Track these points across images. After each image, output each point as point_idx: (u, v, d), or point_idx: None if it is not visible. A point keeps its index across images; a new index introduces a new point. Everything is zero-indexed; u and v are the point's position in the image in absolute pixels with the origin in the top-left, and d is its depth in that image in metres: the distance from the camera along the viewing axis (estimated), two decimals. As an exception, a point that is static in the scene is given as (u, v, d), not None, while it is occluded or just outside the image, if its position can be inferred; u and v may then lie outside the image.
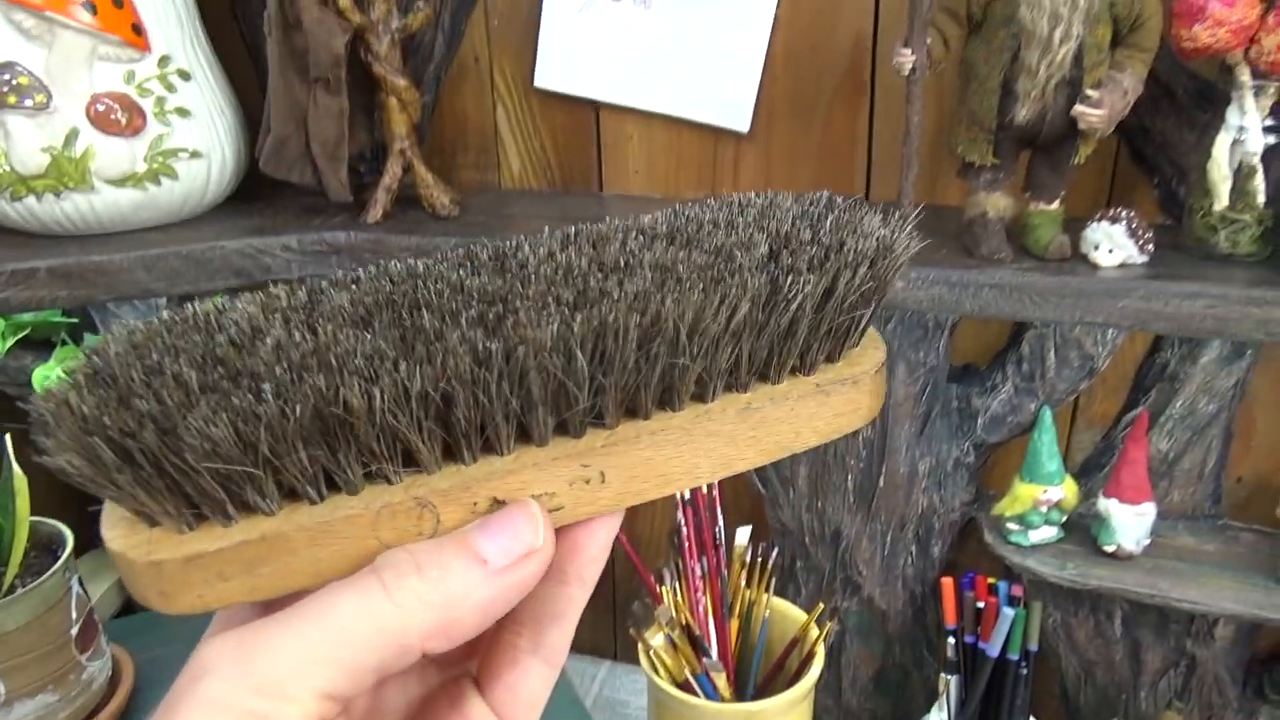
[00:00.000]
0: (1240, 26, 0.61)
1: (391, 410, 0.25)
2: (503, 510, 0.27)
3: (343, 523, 0.25)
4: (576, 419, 0.28)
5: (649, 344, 0.27)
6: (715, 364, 0.28)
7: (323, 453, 0.25)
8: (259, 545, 0.25)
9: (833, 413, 0.31)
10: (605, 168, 0.88)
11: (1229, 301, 0.61)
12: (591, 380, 0.26)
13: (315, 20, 0.74)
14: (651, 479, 0.29)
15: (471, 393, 0.25)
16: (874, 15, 0.77)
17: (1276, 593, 0.74)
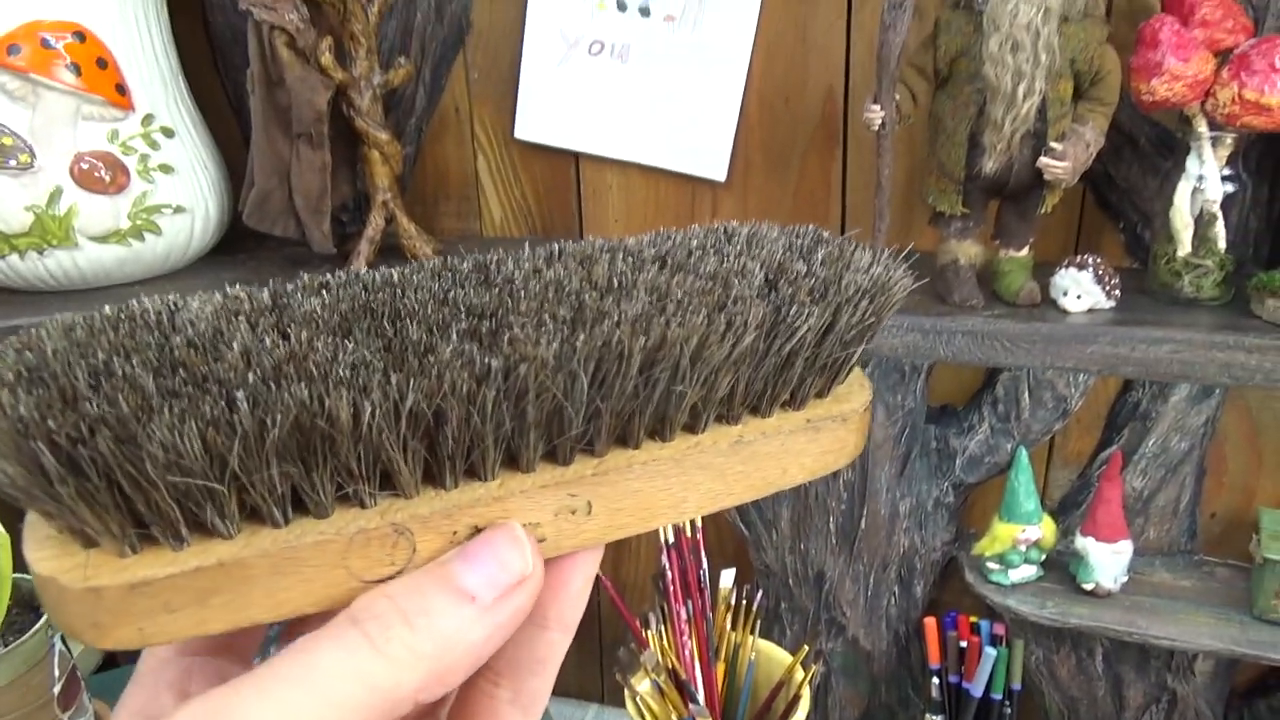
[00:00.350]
0: (1196, 81, 0.63)
1: (380, 426, 0.23)
2: (482, 536, 0.25)
3: (311, 549, 0.23)
4: (567, 445, 0.26)
5: (651, 368, 0.25)
6: (713, 393, 0.27)
7: (297, 470, 0.23)
8: (215, 573, 0.22)
9: (821, 449, 0.30)
10: (585, 216, 0.90)
11: (1193, 346, 0.63)
12: (589, 404, 0.25)
13: (298, 77, 0.76)
14: (638, 512, 0.27)
15: (466, 411, 0.24)
16: (844, 69, 0.79)
17: (1252, 628, 0.75)
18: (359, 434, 0.23)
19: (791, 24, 0.79)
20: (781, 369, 0.28)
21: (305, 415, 0.22)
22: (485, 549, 0.24)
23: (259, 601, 0.23)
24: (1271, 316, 0.65)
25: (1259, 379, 0.62)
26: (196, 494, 0.22)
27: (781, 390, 0.29)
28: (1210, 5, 0.64)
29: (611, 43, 0.83)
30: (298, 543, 0.23)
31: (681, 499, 0.28)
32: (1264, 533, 0.76)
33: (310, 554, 0.23)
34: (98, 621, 0.22)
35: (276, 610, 0.23)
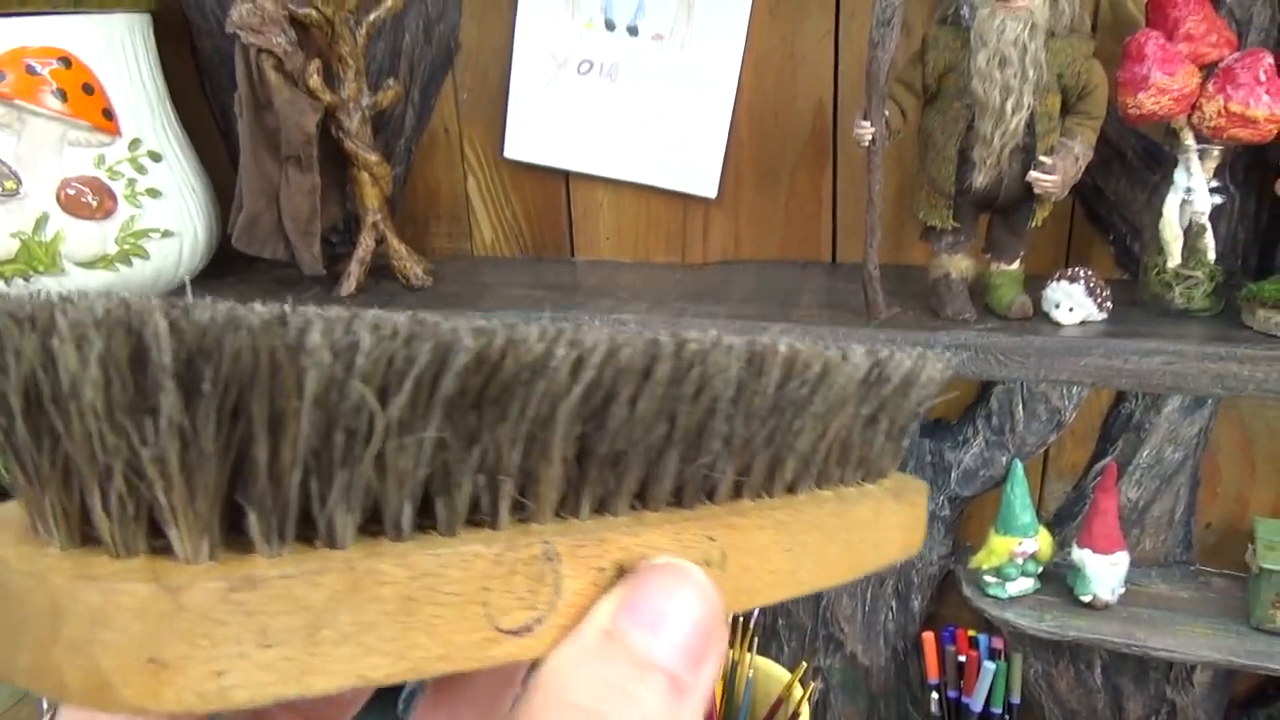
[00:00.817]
0: (1182, 94, 0.64)
1: (566, 418, 0.19)
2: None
3: (458, 567, 0.18)
4: (698, 482, 0.23)
5: (781, 410, 0.23)
6: (821, 447, 0.26)
7: (453, 462, 0.18)
8: (336, 583, 0.16)
9: (904, 523, 0.28)
10: (577, 235, 0.90)
11: (1185, 358, 0.63)
12: (740, 437, 0.23)
13: (286, 100, 0.75)
14: (763, 574, 0.24)
15: (643, 422, 0.21)
16: (834, 83, 0.80)
17: (1249, 638, 0.75)
18: (542, 424, 0.19)
19: (780, 40, 0.79)
20: (866, 429, 0.27)
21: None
22: (665, 602, 0.19)
23: (380, 645, 0.17)
24: (1262, 327, 0.65)
25: (1251, 389, 0.62)
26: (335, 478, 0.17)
27: (865, 454, 0.28)
28: (1194, 19, 0.65)
29: (600, 62, 0.83)
30: (436, 555, 0.18)
31: (797, 565, 0.25)
32: (1259, 542, 0.76)
33: (456, 576, 0.18)
34: (158, 656, 0.15)
35: (398, 661, 0.17)
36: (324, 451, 0.17)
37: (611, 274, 0.85)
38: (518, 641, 0.19)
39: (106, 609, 0.15)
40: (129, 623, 0.15)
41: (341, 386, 0.17)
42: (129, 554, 0.16)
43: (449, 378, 0.18)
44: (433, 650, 0.18)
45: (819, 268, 0.84)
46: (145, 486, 0.16)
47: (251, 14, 0.73)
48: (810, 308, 0.73)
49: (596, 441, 0.21)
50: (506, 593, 0.19)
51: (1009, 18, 0.61)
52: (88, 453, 0.16)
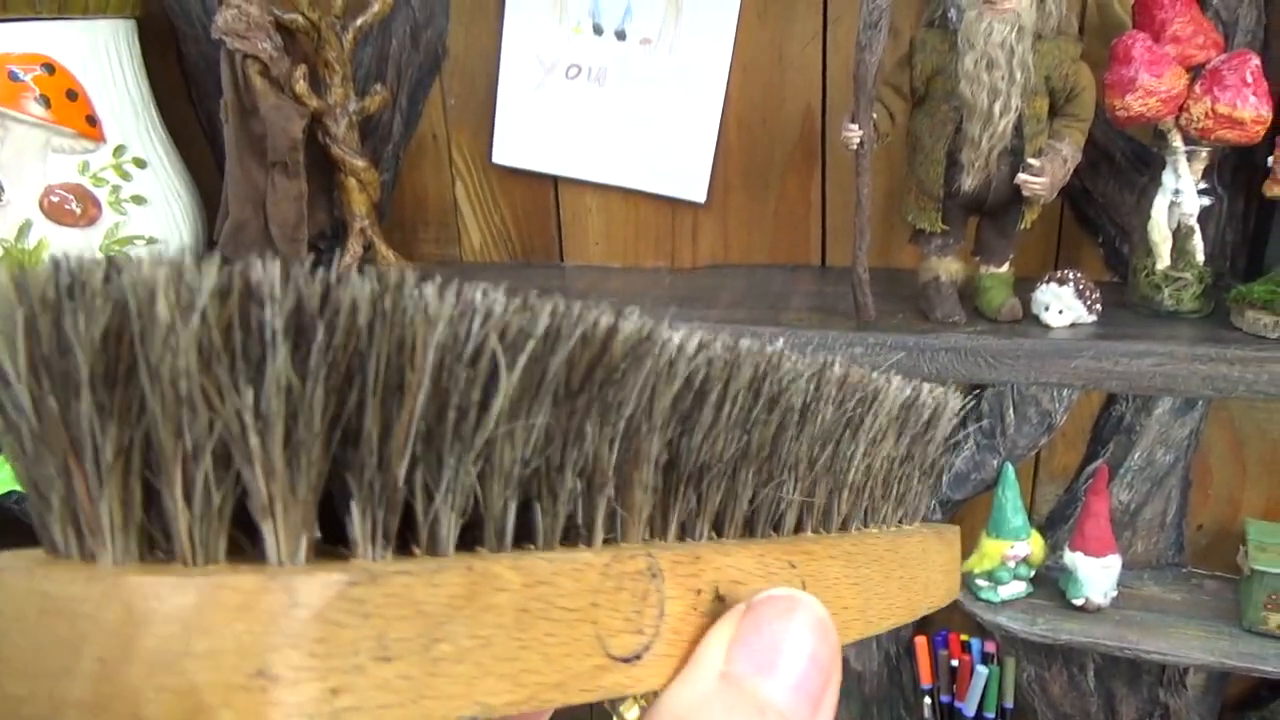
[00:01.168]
0: (1169, 96, 0.64)
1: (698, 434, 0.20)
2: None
3: (570, 576, 0.17)
4: (769, 507, 0.23)
5: (856, 445, 0.25)
6: (880, 477, 0.27)
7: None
8: (456, 589, 0.15)
9: (946, 564, 0.29)
10: (566, 240, 0.89)
11: (1175, 359, 0.63)
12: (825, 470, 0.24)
13: (272, 106, 0.75)
14: (837, 609, 0.23)
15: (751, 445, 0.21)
16: (822, 87, 0.79)
17: (1242, 640, 0.75)
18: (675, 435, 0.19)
19: (768, 44, 0.79)
20: (904, 464, 0.28)
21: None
22: (784, 640, 0.18)
23: (496, 666, 0.15)
24: (1251, 328, 0.65)
25: (1241, 390, 0.62)
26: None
27: (904, 490, 0.28)
28: (1181, 21, 0.65)
29: (588, 66, 0.83)
30: (549, 561, 0.16)
31: (866, 602, 0.25)
32: (1251, 544, 0.75)
33: (568, 586, 0.17)
34: (267, 668, 0.12)
35: (516, 688, 0.16)
36: (436, 434, 0.15)
37: (601, 279, 0.85)
38: (627, 671, 0.17)
39: (204, 610, 0.12)
40: (232, 625, 0.12)
41: (464, 352, 0.15)
42: (207, 560, 0.14)
43: (560, 355, 0.17)
44: (548, 676, 0.16)
45: (808, 271, 0.84)
46: (242, 467, 0.14)
47: (237, 19, 0.73)
48: (800, 311, 0.73)
49: (684, 449, 0.20)
50: (614, 611, 0.17)
51: (996, 20, 0.61)
52: (173, 428, 0.13)
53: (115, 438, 0.14)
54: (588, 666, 0.17)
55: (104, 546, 0.14)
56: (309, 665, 0.13)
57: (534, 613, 0.16)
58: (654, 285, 0.82)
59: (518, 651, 0.16)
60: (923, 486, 0.29)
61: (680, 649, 0.19)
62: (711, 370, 0.20)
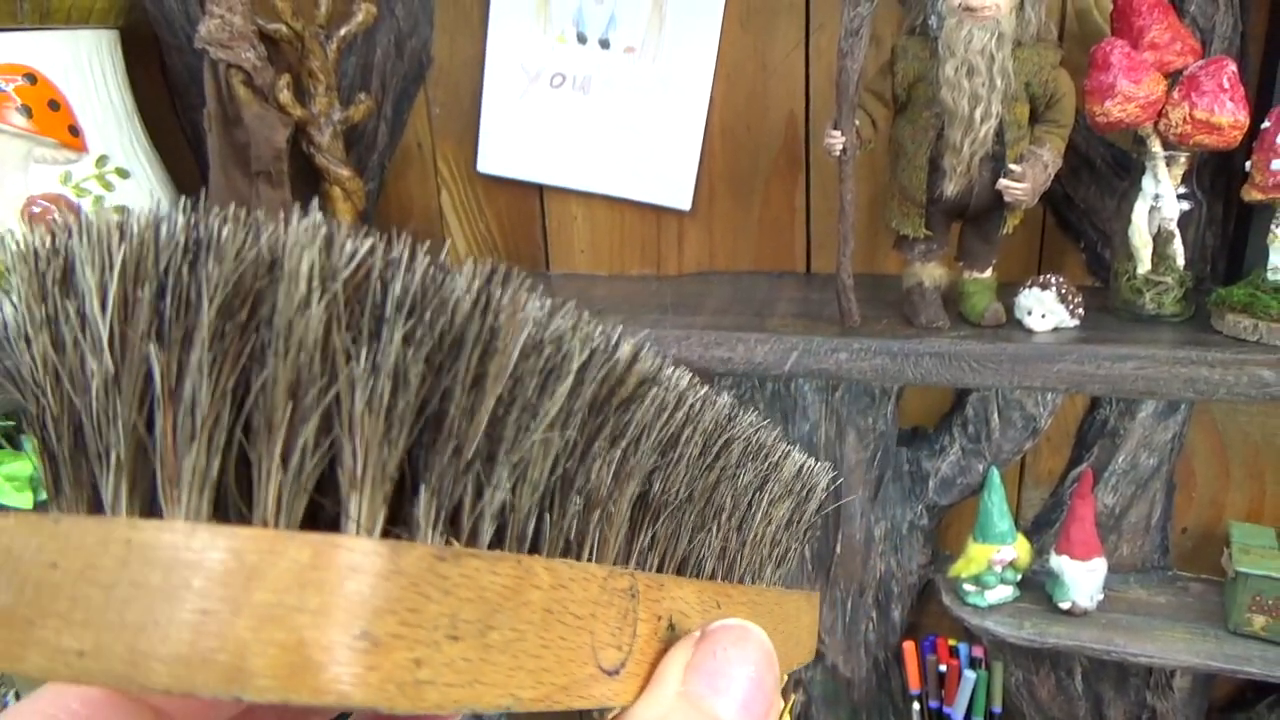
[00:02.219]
0: (1148, 102, 0.64)
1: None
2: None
3: (581, 584, 0.18)
4: (701, 550, 0.24)
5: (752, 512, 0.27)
6: (774, 535, 0.29)
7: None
8: (511, 574, 0.16)
9: (808, 625, 0.32)
10: (551, 248, 0.89)
11: (1157, 362, 0.63)
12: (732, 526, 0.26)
13: (256, 116, 0.75)
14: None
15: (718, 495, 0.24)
16: (805, 94, 0.80)
17: (1227, 642, 0.75)
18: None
19: (751, 52, 0.80)
20: (788, 527, 0.30)
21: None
22: (735, 666, 0.20)
23: (526, 663, 0.16)
24: (1232, 331, 0.65)
25: (1222, 393, 0.63)
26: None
27: (785, 552, 0.30)
28: (1159, 28, 0.66)
29: (573, 75, 0.83)
30: (569, 565, 0.17)
31: (787, 648, 0.29)
32: (1234, 546, 0.76)
33: (575, 592, 0.17)
34: (372, 630, 0.13)
35: (537, 685, 0.16)
36: (500, 428, 0.16)
37: (587, 287, 0.85)
38: (609, 684, 0.18)
39: (319, 567, 0.12)
40: (344, 584, 0.12)
41: (542, 354, 0.16)
42: (288, 524, 0.14)
43: (594, 372, 0.18)
44: (559, 678, 0.17)
45: (793, 278, 0.84)
46: (342, 435, 0.14)
47: (220, 29, 0.73)
48: (785, 318, 0.73)
49: (655, 482, 0.21)
50: (605, 624, 0.18)
51: (976, 27, 0.62)
52: (288, 388, 0.14)
53: (214, 391, 0.14)
54: (584, 674, 0.18)
55: (178, 501, 0.14)
56: (401, 633, 0.13)
57: (554, 614, 0.17)
58: (640, 292, 0.82)
59: (540, 650, 0.16)
60: (797, 551, 0.31)
61: (644, 669, 0.20)
62: (690, 413, 0.22)
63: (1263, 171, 0.64)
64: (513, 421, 0.16)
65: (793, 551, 0.30)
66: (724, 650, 0.20)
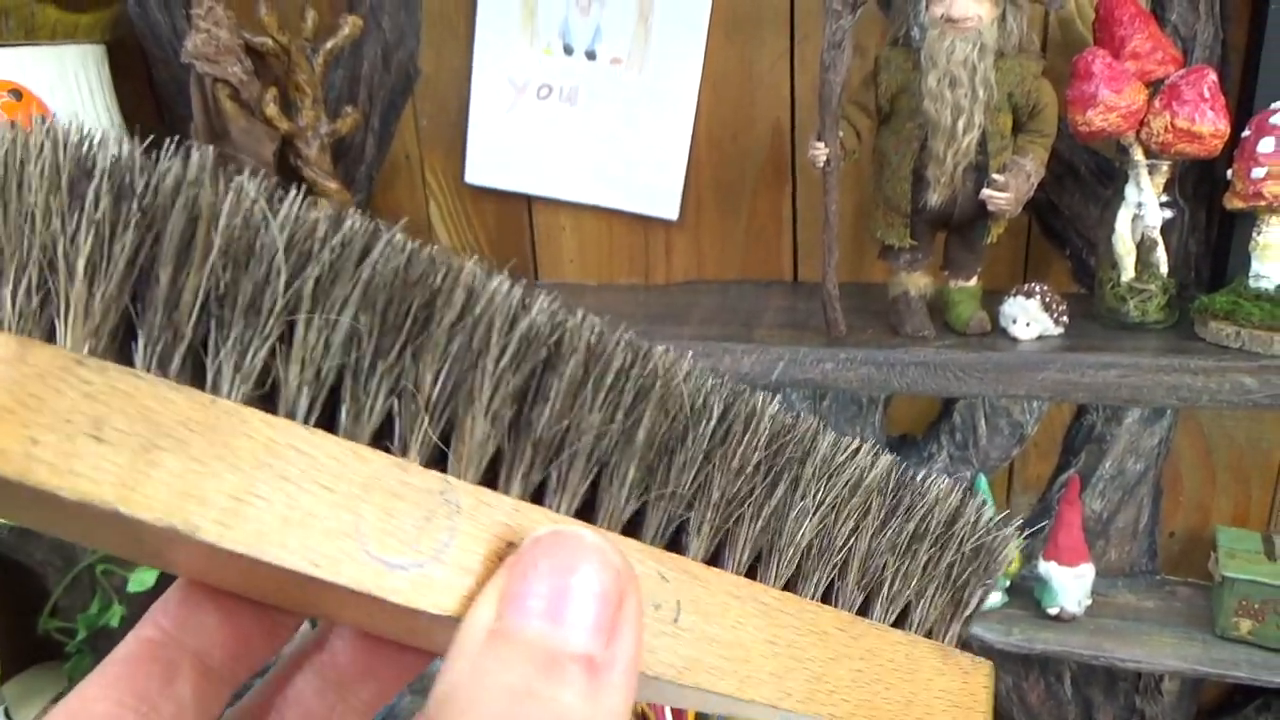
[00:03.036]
0: (1130, 111, 0.65)
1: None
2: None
3: (337, 460, 0.18)
4: (664, 517, 0.21)
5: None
6: (849, 554, 0.24)
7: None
8: (192, 410, 0.17)
9: (951, 690, 0.25)
10: (540, 258, 0.90)
11: (1141, 370, 0.63)
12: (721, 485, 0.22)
13: (242, 129, 0.75)
14: (732, 657, 0.21)
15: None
16: (790, 104, 0.80)
17: (1215, 646, 0.75)
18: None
19: (737, 62, 0.80)
20: (927, 575, 0.25)
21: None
22: (557, 581, 0.17)
23: (212, 496, 0.17)
24: (1215, 338, 0.66)
25: (1205, 400, 0.63)
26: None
27: (901, 594, 0.25)
28: (1140, 38, 0.66)
29: (559, 86, 0.83)
30: (310, 437, 0.17)
31: (785, 670, 0.22)
32: (1221, 550, 0.76)
33: (327, 465, 0.17)
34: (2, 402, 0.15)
35: (225, 521, 0.17)
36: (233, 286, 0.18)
37: (575, 296, 0.85)
38: (382, 573, 0.18)
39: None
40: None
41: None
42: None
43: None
44: (282, 537, 0.17)
45: (781, 287, 0.84)
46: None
47: (207, 44, 0.73)
48: (772, 328, 0.73)
49: (536, 415, 0.20)
50: (387, 516, 0.18)
51: (958, 39, 0.62)
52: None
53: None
54: (335, 547, 0.17)
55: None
56: (14, 410, 0.16)
57: (274, 469, 0.17)
58: (628, 302, 0.83)
59: (245, 494, 0.17)
60: (934, 599, 0.25)
61: (458, 583, 0.18)
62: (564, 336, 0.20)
63: (1244, 179, 0.64)
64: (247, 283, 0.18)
65: (923, 594, 0.25)
66: (544, 566, 0.17)
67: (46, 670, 0.97)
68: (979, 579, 0.25)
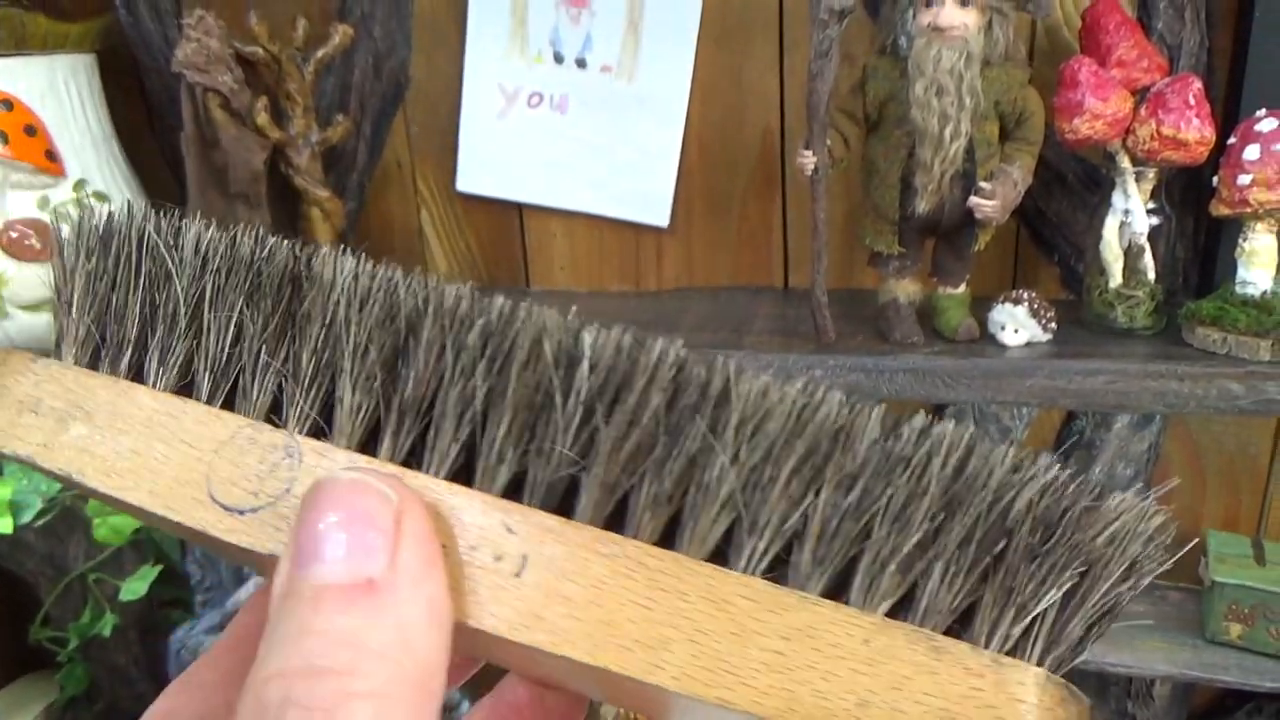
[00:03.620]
0: (1116, 119, 0.65)
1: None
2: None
3: (196, 420, 0.22)
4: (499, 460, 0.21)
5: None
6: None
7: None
8: (106, 388, 0.23)
9: (949, 697, 0.18)
10: (531, 265, 0.90)
11: (1128, 376, 0.64)
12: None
13: (233, 138, 0.75)
14: (586, 616, 0.19)
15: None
16: (780, 111, 0.81)
17: (1205, 651, 0.75)
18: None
19: (727, 69, 0.80)
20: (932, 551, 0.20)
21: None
22: (319, 524, 0.18)
23: (113, 459, 0.22)
24: (1202, 344, 0.66)
25: (1192, 406, 0.63)
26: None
27: (883, 575, 0.20)
28: (1126, 46, 0.67)
29: (550, 94, 0.84)
30: (182, 405, 0.22)
31: (662, 640, 0.19)
32: (1211, 555, 0.77)
33: (189, 426, 0.22)
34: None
35: (107, 472, 0.22)
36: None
37: (567, 303, 0.85)
38: (224, 517, 0.21)
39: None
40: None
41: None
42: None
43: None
44: (149, 484, 0.21)
45: (771, 293, 0.84)
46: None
47: (197, 53, 0.73)
48: (762, 334, 0.73)
49: (400, 378, 0.21)
50: (233, 466, 0.21)
51: (944, 47, 0.63)
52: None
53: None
54: (188, 496, 0.21)
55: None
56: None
57: (155, 432, 0.22)
58: (620, 309, 0.83)
59: (132, 454, 0.22)
60: (951, 584, 0.19)
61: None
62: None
63: (1229, 187, 0.65)
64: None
65: (928, 574, 0.20)
66: (307, 516, 0.18)
67: (38, 679, 0.97)
68: (1045, 564, 0.19)
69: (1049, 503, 0.20)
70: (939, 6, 0.62)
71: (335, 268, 0.23)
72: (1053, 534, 0.20)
